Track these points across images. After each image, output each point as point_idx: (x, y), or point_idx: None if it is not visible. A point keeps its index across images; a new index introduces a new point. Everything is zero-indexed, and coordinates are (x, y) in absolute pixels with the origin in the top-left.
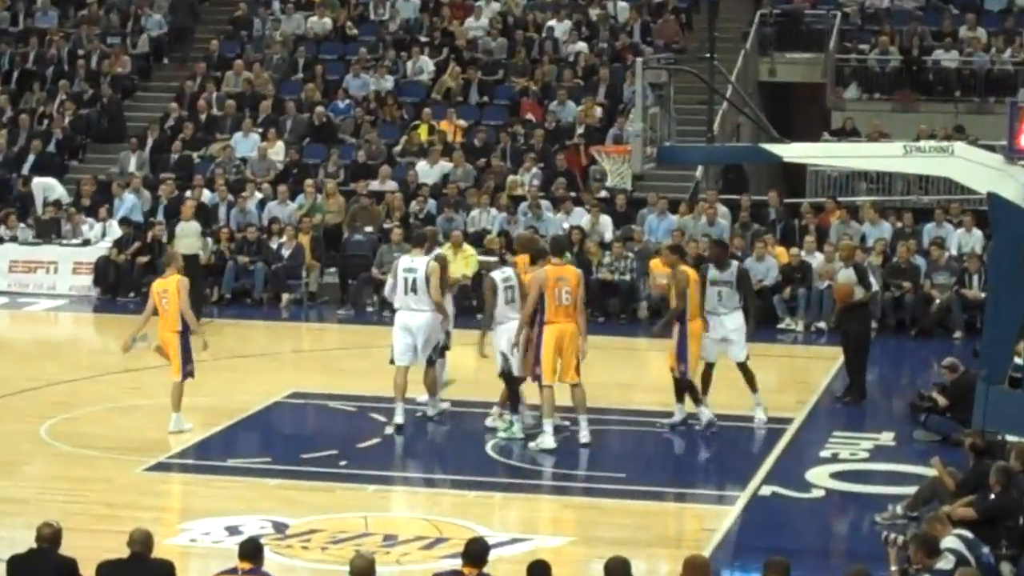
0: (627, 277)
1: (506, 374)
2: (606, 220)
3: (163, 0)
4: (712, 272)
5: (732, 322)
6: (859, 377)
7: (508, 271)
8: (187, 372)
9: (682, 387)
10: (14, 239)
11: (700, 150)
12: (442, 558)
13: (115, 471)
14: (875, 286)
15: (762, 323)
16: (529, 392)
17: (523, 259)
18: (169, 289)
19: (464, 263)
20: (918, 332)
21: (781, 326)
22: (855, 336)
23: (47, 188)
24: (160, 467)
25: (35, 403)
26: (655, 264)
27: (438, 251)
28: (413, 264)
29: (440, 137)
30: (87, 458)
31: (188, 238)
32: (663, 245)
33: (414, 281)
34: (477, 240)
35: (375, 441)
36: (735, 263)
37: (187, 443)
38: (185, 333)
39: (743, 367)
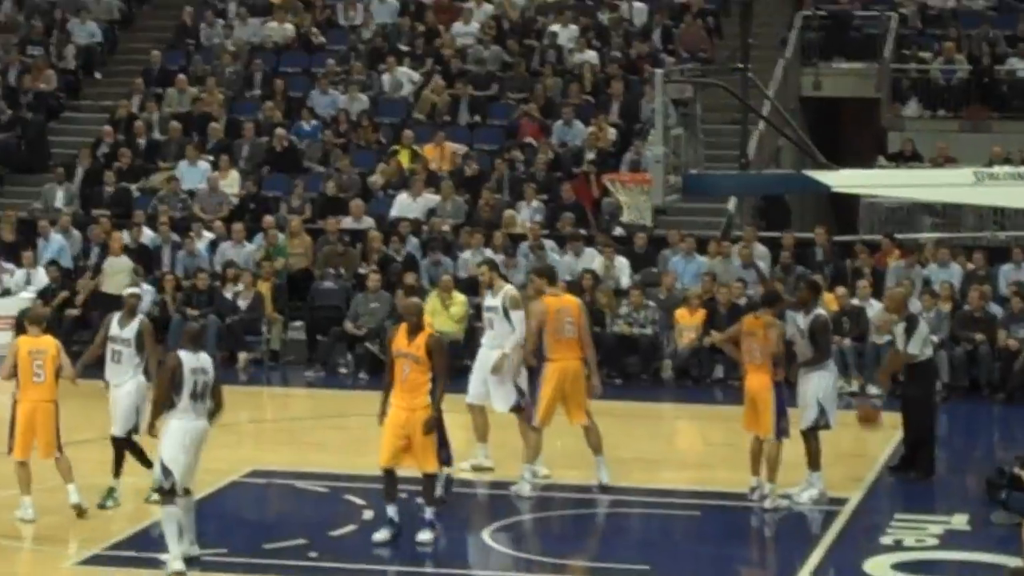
0: (648, 330)
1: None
2: (622, 263)
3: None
4: (798, 318)
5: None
6: (925, 449)
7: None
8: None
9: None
10: None
11: (733, 179)
12: None
13: (39, 566)
14: (921, 353)
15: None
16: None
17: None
18: (47, 350)
19: (455, 313)
20: (994, 394)
21: None
22: (917, 399)
23: None
24: (95, 560)
25: None
26: (681, 315)
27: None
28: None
29: (424, 165)
30: (6, 550)
31: (119, 275)
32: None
33: (491, 321)
34: (469, 287)
35: (351, 528)
36: (817, 310)
37: (128, 531)
38: (56, 403)
39: (804, 437)
